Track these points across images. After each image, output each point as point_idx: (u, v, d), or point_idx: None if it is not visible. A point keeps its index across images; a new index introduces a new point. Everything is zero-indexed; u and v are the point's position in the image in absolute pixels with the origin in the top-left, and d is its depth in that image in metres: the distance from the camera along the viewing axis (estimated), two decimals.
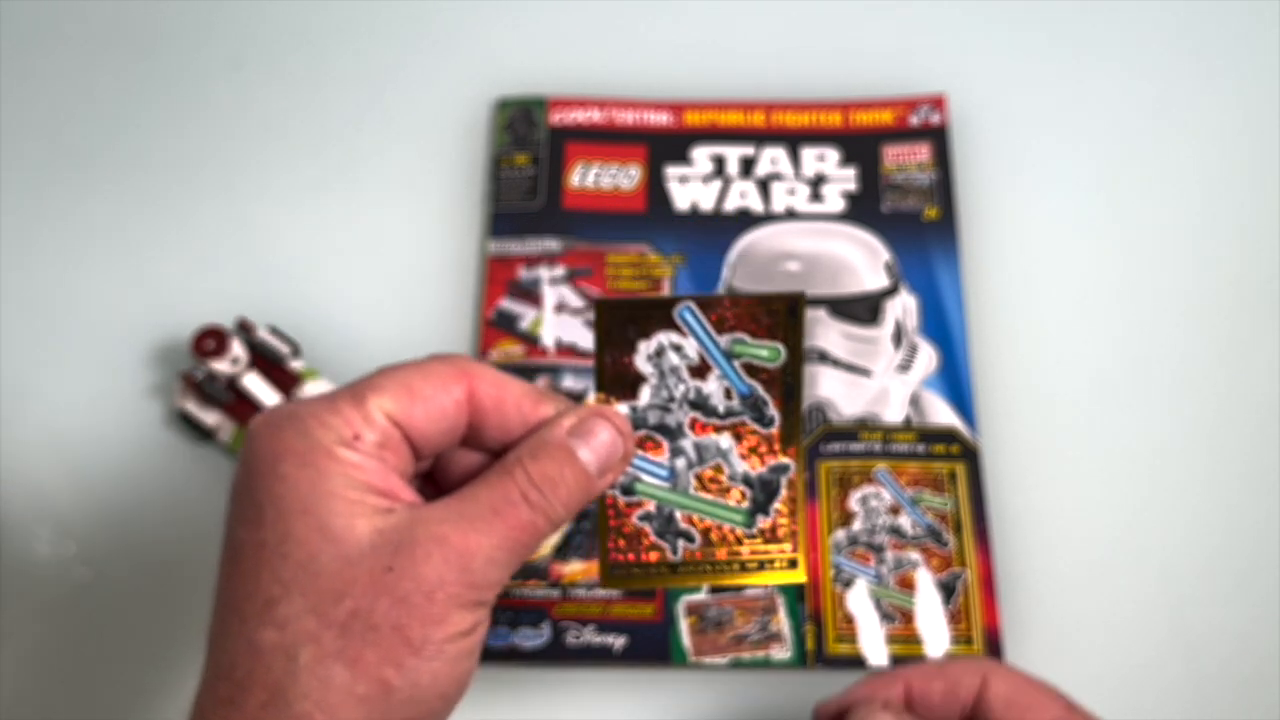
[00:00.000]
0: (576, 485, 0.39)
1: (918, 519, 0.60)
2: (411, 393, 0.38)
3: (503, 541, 0.37)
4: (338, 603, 0.35)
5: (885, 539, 0.59)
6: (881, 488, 0.60)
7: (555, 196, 0.68)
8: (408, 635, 0.35)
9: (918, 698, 0.43)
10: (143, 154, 0.71)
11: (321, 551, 0.35)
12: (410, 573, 0.35)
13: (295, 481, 0.36)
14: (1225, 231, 0.68)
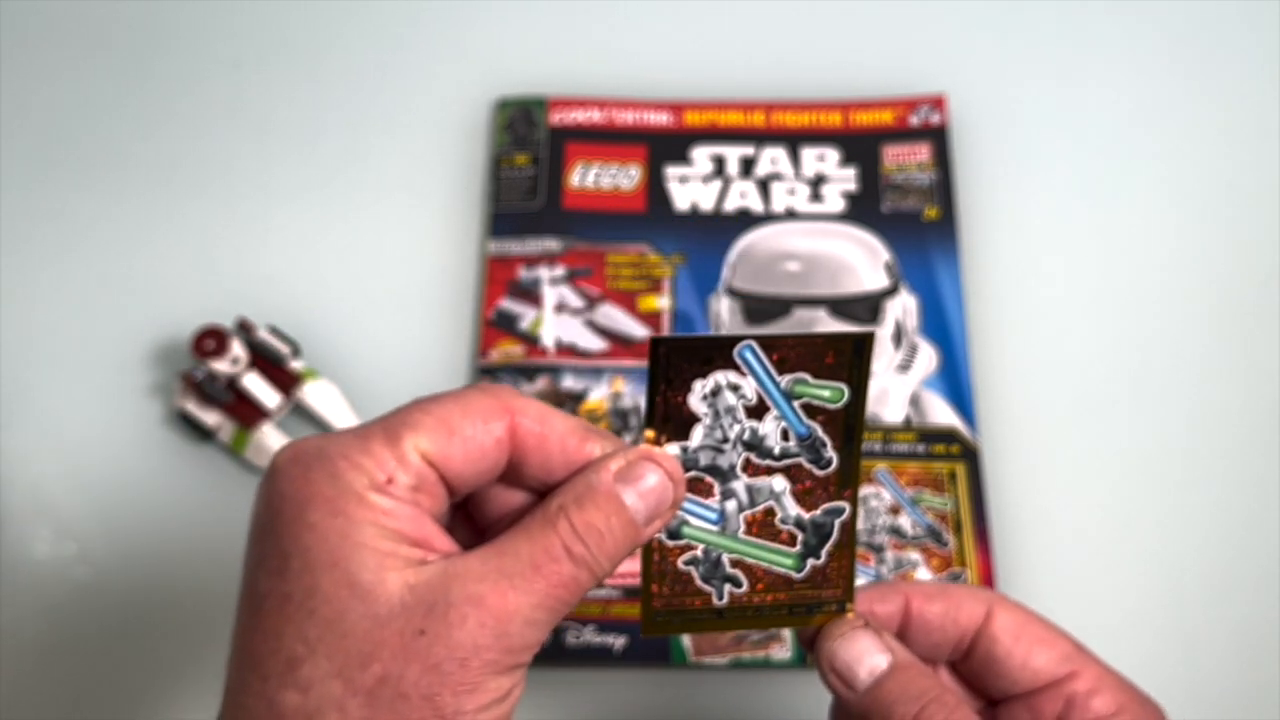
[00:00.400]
0: (624, 535, 0.37)
1: (918, 519, 0.60)
2: (450, 430, 0.36)
3: (543, 600, 0.35)
4: (365, 667, 0.33)
5: (885, 539, 0.59)
6: (881, 488, 0.60)
7: (555, 196, 0.68)
8: (439, 706, 0.33)
9: (915, 615, 0.40)
10: (143, 154, 0.71)
11: (350, 609, 0.33)
12: (444, 637, 0.33)
13: (324, 531, 0.34)
14: (1225, 231, 0.68)
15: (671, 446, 0.39)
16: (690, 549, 0.41)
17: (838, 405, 0.40)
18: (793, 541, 0.41)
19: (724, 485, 0.40)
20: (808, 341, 0.39)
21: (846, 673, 0.39)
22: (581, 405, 0.63)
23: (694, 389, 0.39)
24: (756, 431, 0.40)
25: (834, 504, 0.41)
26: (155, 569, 0.60)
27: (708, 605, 0.41)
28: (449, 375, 0.64)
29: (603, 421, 0.62)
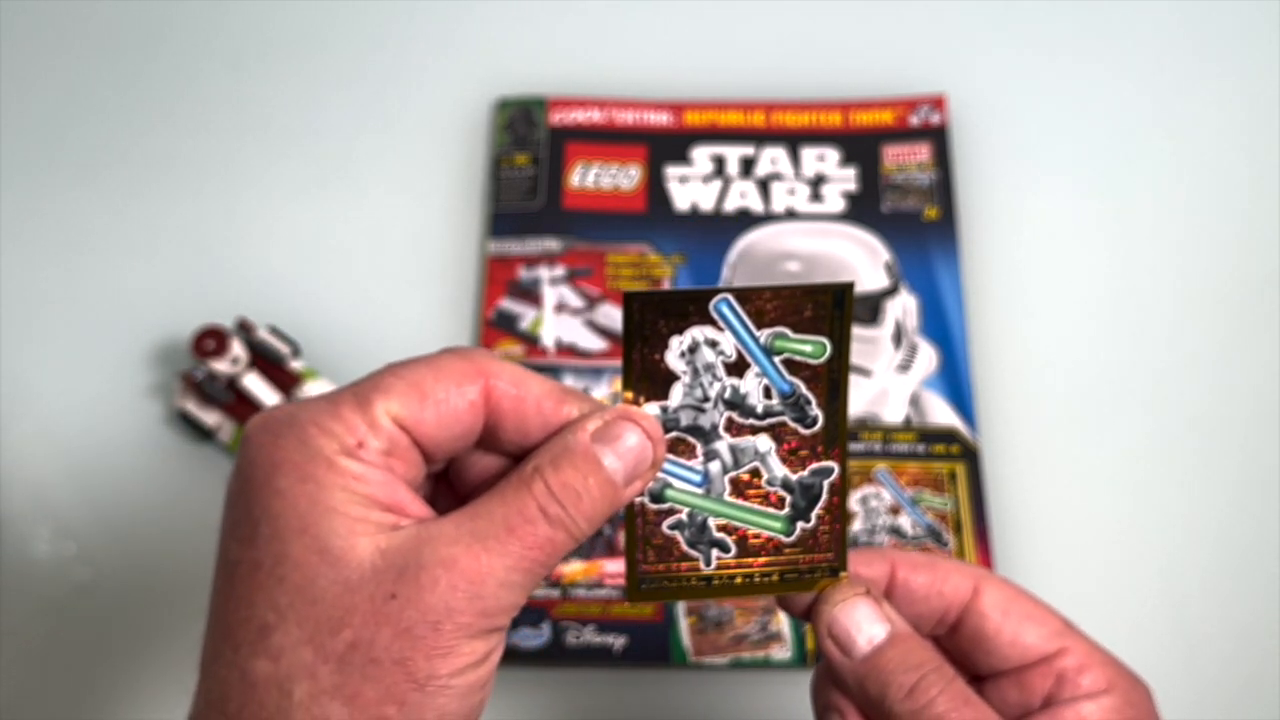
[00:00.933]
0: (601, 496, 0.36)
1: (918, 519, 0.60)
2: (422, 394, 0.35)
3: (518, 561, 0.34)
4: (336, 633, 0.33)
5: (885, 539, 0.59)
6: (881, 488, 0.60)
7: (555, 196, 0.68)
8: (411, 670, 0.32)
9: (899, 584, 0.40)
10: (143, 154, 0.71)
11: (320, 575, 0.33)
12: (415, 601, 0.33)
13: (294, 497, 0.34)
14: (1225, 231, 0.68)
15: (650, 406, 0.38)
16: (674, 513, 0.39)
17: (820, 360, 0.39)
18: (781, 504, 0.39)
19: (706, 446, 0.39)
20: (785, 294, 0.38)
21: (844, 639, 0.38)
22: None
23: (671, 346, 0.38)
24: (738, 389, 0.39)
25: (822, 464, 0.39)
26: (155, 569, 0.60)
27: (695, 572, 0.40)
28: None
29: None
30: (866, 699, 0.38)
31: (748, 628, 0.57)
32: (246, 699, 0.33)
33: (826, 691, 0.39)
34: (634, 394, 0.38)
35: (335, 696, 0.32)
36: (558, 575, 0.58)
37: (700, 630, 0.57)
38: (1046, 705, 0.38)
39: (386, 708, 0.32)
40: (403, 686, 0.32)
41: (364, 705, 0.32)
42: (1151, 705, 0.38)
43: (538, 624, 0.57)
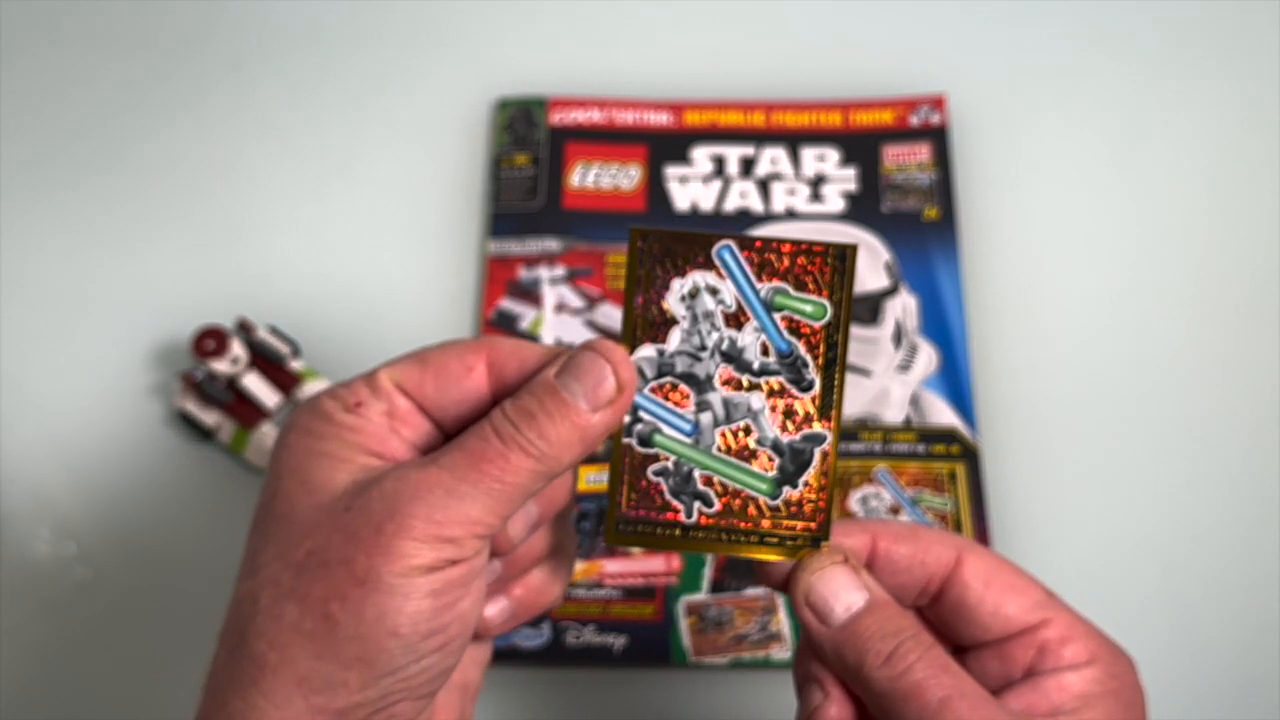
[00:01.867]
0: (560, 416, 0.36)
1: (918, 519, 0.60)
2: (423, 363, 0.38)
3: (468, 474, 0.35)
4: (299, 545, 0.35)
5: None
6: (881, 488, 0.60)
7: (555, 196, 0.68)
8: (353, 568, 0.34)
9: (881, 554, 0.39)
10: (143, 154, 0.71)
11: (299, 503, 0.36)
12: (364, 509, 0.35)
13: (294, 448, 0.37)
14: (1225, 231, 0.68)
15: (647, 348, 0.38)
16: (661, 459, 0.39)
17: (820, 322, 0.38)
18: (768, 465, 0.39)
19: (700, 395, 0.38)
20: (789, 248, 0.37)
21: (822, 607, 0.38)
22: None
23: (672, 288, 0.38)
24: (735, 342, 0.38)
25: (815, 430, 0.39)
26: (155, 569, 0.60)
27: (675, 521, 0.39)
28: None
29: None
30: (844, 667, 0.38)
31: (748, 628, 0.57)
32: (231, 614, 0.36)
33: (806, 662, 0.39)
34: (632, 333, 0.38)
35: (290, 598, 0.35)
36: None
37: (700, 630, 0.57)
38: (1028, 676, 0.38)
39: (330, 604, 0.34)
40: (345, 583, 0.34)
41: (313, 603, 0.35)
42: (1135, 677, 0.38)
43: (538, 624, 0.57)
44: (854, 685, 0.38)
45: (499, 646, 0.57)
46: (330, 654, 0.34)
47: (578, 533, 0.59)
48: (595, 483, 0.61)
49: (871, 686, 0.37)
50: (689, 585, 0.58)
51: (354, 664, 0.34)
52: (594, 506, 0.60)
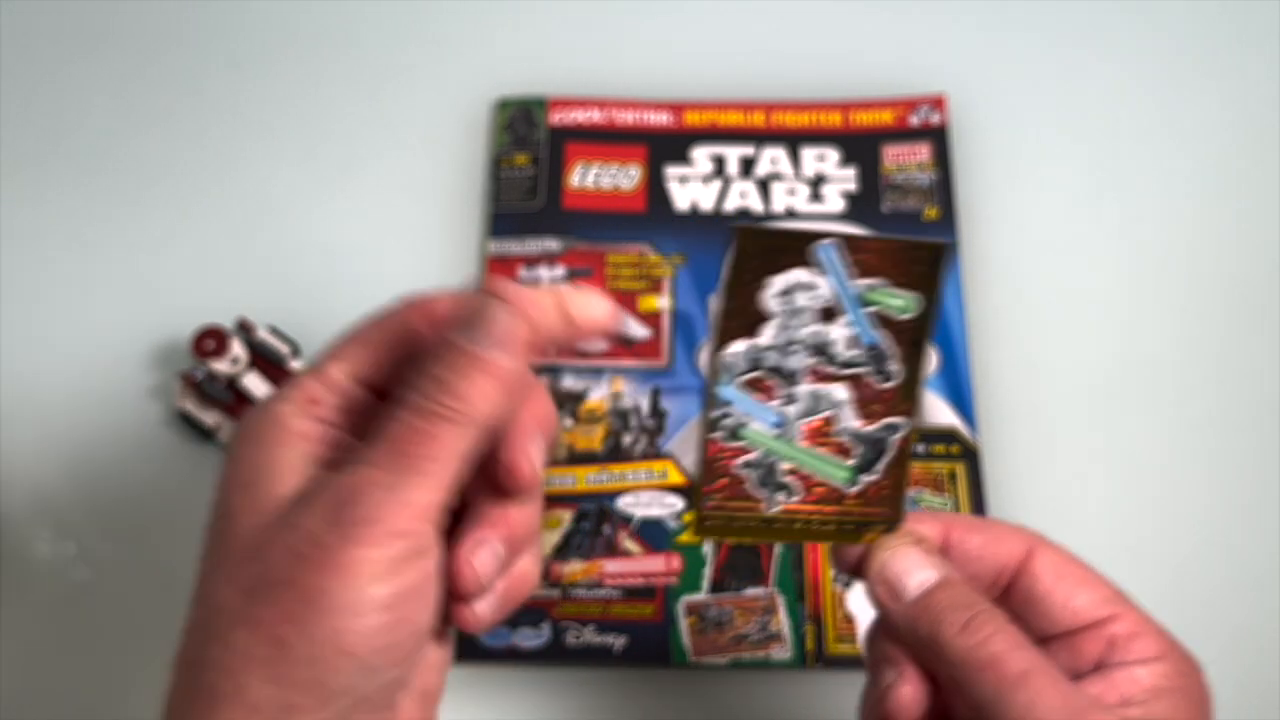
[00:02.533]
0: (473, 372, 0.35)
1: None
2: (366, 342, 0.37)
3: (399, 463, 0.34)
4: (246, 565, 0.34)
5: None
6: None
7: (555, 196, 0.68)
8: (302, 589, 0.33)
9: (954, 544, 0.40)
10: (143, 154, 0.71)
11: (245, 522, 0.35)
12: (305, 524, 0.34)
13: (243, 460, 0.36)
14: (1225, 231, 0.68)
15: (739, 343, 0.39)
16: (747, 452, 0.40)
17: (907, 316, 0.39)
18: (848, 455, 0.40)
19: (787, 389, 0.39)
20: (886, 246, 0.39)
21: (895, 583, 0.39)
22: (581, 405, 0.63)
23: (769, 285, 0.38)
24: (825, 336, 0.39)
25: (893, 420, 0.40)
26: (155, 569, 0.60)
27: (757, 513, 0.40)
28: None
29: (602, 422, 0.62)
30: (918, 640, 0.37)
31: (748, 628, 0.57)
32: (182, 643, 0.35)
33: (878, 643, 0.39)
34: (726, 327, 0.38)
35: (241, 624, 0.34)
36: (557, 575, 0.58)
37: (700, 630, 0.57)
38: (1097, 669, 0.38)
39: (281, 628, 0.33)
40: (295, 606, 0.33)
41: (263, 628, 0.33)
42: (1202, 677, 0.38)
43: (538, 624, 0.57)
44: (929, 658, 0.37)
45: (498, 646, 0.57)
46: (284, 678, 0.33)
47: (578, 533, 0.59)
48: (595, 483, 0.61)
49: (947, 655, 0.36)
50: (689, 585, 0.58)
51: (309, 686, 0.33)
52: (594, 506, 0.60)
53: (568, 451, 0.62)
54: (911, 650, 0.38)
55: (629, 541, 0.59)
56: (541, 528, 0.41)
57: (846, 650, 0.57)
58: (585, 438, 0.62)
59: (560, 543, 0.59)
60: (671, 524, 0.60)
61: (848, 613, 0.57)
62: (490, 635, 0.57)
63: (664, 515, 0.60)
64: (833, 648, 0.57)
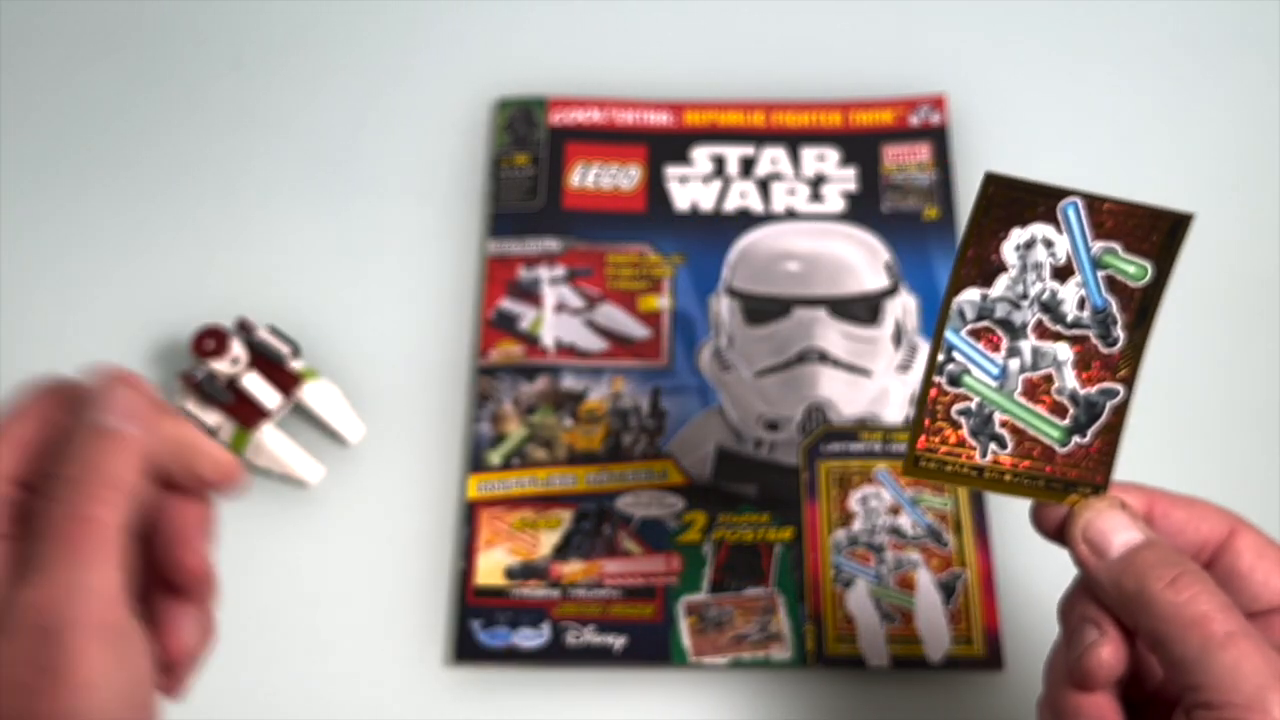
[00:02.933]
0: (98, 441, 0.35)
1: (918, 519, 0.60)
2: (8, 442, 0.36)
3: (74, 557, 0.33)
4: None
5: (885, 539, 0.59)
6: (881, 488, 0.60)
7: (555, 196, 0.68)
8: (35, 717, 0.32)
9: (1158, 517, 0.41)
10: (143, 154, 0.71)
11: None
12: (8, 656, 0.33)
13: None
14: (1225, 231, 0.68)
15: (971, 291, 0.40)
16: (965, 399, 0.41)
17: (1139, 284, 0.41)
18: (1063, 414, 0.41)
19: (1011, 342, 0.40)
20: (1129, 211, 0.40)
21: (1099, 541, 0.40)
22: (582, 405, 0.63)
23: (1010, 236, 0.40)
24: (1055, 294, 0.40)
25: (1110, 384, 0.41)
26: None
27: (970, 460, 0.41)
28: (449, 375, 0.64)
29: (602, 422, 0.62)
30: (1123, 595, 0.38)
31: (748, 628, 0.57)
32: None
33: (1079, 604, 0.40)
34: (963, 274, 0.40)
35: None
36: (558, 575, 0.58)
37: (700, 630, 0.57)
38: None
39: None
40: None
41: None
42: None
43: (538, 624, 0.57)
44: (1133, 613, 0.38)
45: (498, 646, 0.57)
46: None
47: (578, 533, 0.59)
48: (594, 483, 0.61)
49: (1155, 609, 0.37)
50: (689, 585, 0.58)
51: None
52: (594, 506, 0.60)
53: (568, 451, 0.62)
54: (1113, 608, 0.39)
55: (629, 541, 0.59)
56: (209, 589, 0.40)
57: (846, 650, 0.57)
58: (585, 438, 0.62)
59: (560, 542, 0.59)
60: (671, 524, 0.60)
61: (847, 613, 0.57)
62: (490, 635, 0.57)
63: (664, 515, 0.60)
64: (833, 648, 0.57)
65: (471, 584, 0.58)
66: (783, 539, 0.59)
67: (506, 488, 0.61)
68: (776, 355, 0.64)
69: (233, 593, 0.59)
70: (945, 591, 0.58)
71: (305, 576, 0.60)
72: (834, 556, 0.59)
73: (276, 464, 0.61)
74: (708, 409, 0.63)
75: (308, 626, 0.58)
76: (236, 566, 0.60)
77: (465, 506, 0.60)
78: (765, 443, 0.62)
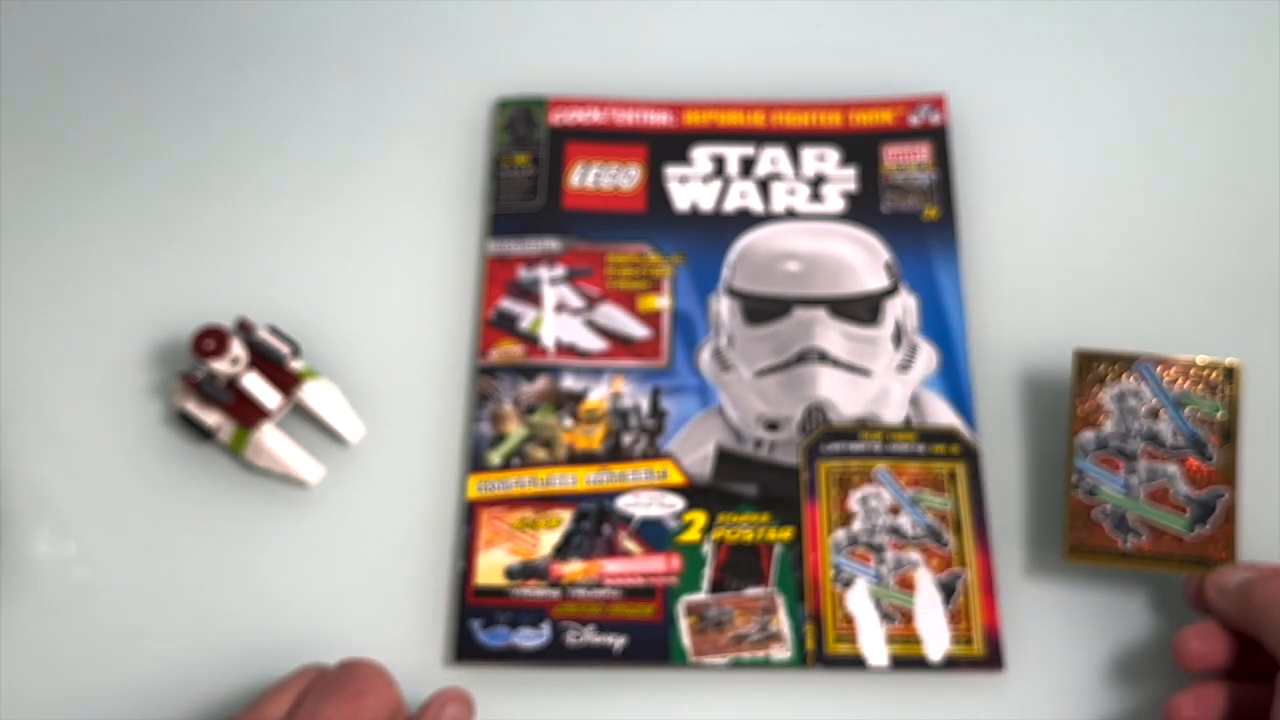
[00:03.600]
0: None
1: (918, 519, 0.60)
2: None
3: None
4: None
5: (885, 539, 0.59)
6: (881, 488, 0.60)
7: (555, 196, 0.68)
8: None
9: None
10: (143, 154, 0.71)
11: None
12: None
13: None
14: (1226, 230, 0.68)
15: (1086, 433, 0.56)
16: (1101, 505, 0.56)
17: (1218, 415, 0.56)
18: (1183, 512, 0.55)
19: (1128, 464, 0.56)
20: (1190, 364, 0.56)
21: (1221, 581, 0.53)
22: (581, 405, 0.63)
23: (1106, 392, 0.56)
24: (1153, 428, 0.56)
25: (1216, 488, 0.55)
26: (155, 569, 0.60)
27: (1115, 549, 0.55)
28: (449, 375, 0.64)
29: (602, 422, 0.62)
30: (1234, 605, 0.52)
31: (748, 628, 0.57)
32: None
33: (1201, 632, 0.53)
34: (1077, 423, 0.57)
35: None
36: (558, 575, 0.58)
37: (700, 630, 0.57)
38: None
39: None
40: None
41: None
42: None
43: (538, 624, 0.57)
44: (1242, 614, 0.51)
45: (498, 646, 0.57)
46: None
47: (578, 533, 0.60)
48: (594, 483, 0.61)
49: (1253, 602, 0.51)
50: (689, 585, 0.58)
51: None
52: (594, 506, 0.60)
53: (568, 451, 0.62)
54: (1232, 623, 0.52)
55: (629, 541, 0.59)
56: None
57: (846, 650, 0.57)
58: (585, 438, 0.62)
59: (560, 543, 0.59)
60: (671, 524, 0.60)
61: (847, 613, 0.57)
62: (490, 635, 0.57)
63: (664, 515, 0.60)
64: (833, 648, 0.57)
65: (471, 584, 0.58)
66: (783, 539, 0.59)
67: (506, 488, 0.61)
68: (776, 355, 0.64)
69: (233, 593, 0.60)
70: (945, 591, 0.58)
71: (305, 576, 0.60)
72: (834, 556, 0.59)
73: (276, 464, 0.61)
74: (708, 409, 0.63)
75: (308, 626, 0.58)
76: (237, 566, 0.60)
77: (465, 506, 0.60)
78: (765, 443, 0.62)
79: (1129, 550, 0.55)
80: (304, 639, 0.58)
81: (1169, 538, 0.55)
